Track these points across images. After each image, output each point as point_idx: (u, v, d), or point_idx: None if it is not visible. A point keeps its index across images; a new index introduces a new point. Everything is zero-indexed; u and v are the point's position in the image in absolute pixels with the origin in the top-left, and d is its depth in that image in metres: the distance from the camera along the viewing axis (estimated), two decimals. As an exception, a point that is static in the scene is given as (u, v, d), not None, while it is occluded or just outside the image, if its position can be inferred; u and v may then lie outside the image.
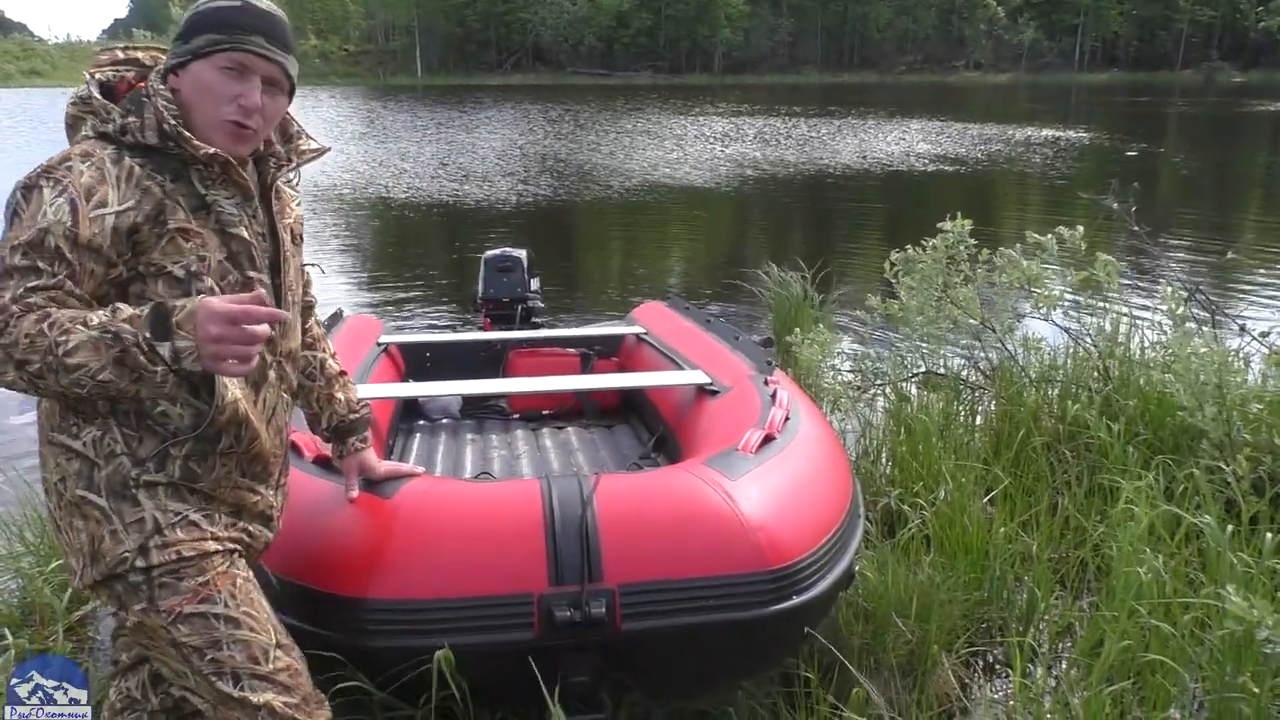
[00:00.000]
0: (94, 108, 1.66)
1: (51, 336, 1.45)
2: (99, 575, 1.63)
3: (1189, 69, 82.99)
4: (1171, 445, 3.48)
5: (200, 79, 1.64)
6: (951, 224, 4.34)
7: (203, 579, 1.65)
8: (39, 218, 1.51)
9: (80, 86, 1.70)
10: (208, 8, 1.65)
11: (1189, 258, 9.32)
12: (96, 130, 1.64)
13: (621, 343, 4.09)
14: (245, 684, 1.66)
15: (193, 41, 1.64)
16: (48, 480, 1.67)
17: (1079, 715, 2.25)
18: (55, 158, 1.58)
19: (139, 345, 1.46)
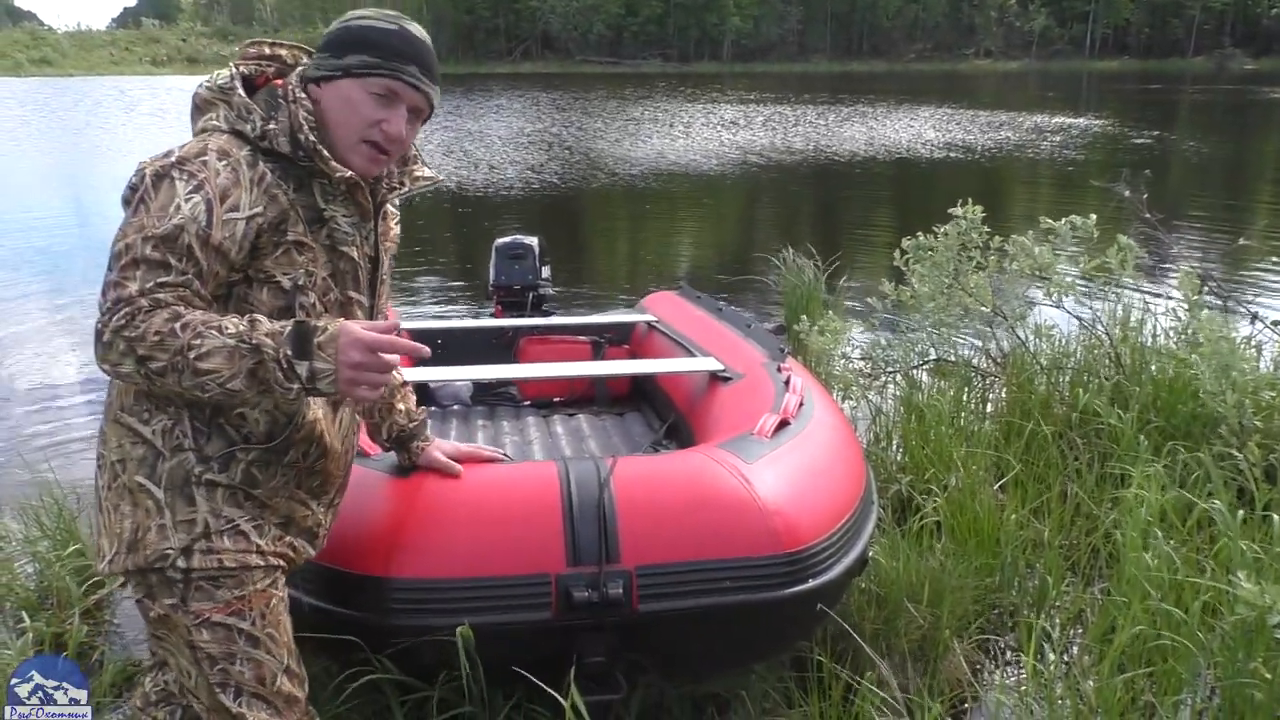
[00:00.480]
0: (232, 100, 1.63)
1: (184, 338, 1.44)
2: (133, 565, 1.62)
3: (1201, 56, 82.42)
4: (1184, 432, 3.47)
5: (349, 97, 1.64)
6: (963, 210, 4.33)
7: (239, 593, 1.65)
8: (172, 211, 1.49)
9: (221, 72, 1.68)
10: (362, 25, 1.64)
11: (1200, 245, 9.27)
12: (231, 125, 1.61)
13: (633, 330, 4.09)
14: (245, 700, 1.68)
15: (346, 58, 1.63)
16: (104, 457, 1.66)
17: (1091, 701, 2.26)
18: (190, 148, 1.56)
19: (278, 361, 1.46)
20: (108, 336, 1.44)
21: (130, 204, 1.53)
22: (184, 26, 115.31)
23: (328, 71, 1.64)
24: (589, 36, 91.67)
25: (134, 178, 1.55)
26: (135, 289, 1.46)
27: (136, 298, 1.45)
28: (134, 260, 1.47)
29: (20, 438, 4.66)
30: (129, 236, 1.49)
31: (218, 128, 1.61)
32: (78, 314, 7.20)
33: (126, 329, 1.44)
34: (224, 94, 1.64)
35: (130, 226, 1.50)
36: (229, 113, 1.62)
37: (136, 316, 1.44)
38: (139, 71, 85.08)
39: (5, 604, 2.97)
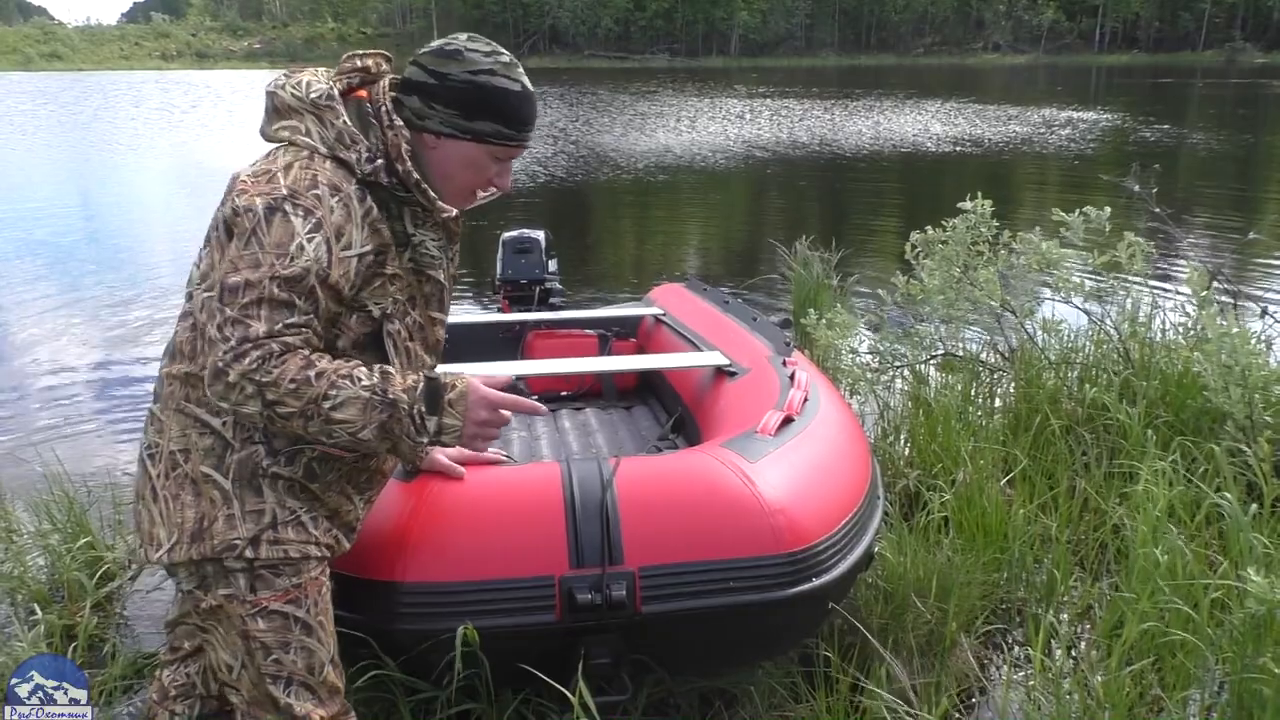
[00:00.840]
0: (328, 119, 1.61)
1: (319, 387, 1.50)
2: (197, 554, 1.63)
3: (1211, 50, 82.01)
4: (1192, 428, 3.46)
5: (474, 160, 1.68)
6: (972, 203, 4.32)
7: (297, 580, 1.69)
8: (295, 251, 1.50)
9: (308, 78, 1.65)
10: (495, 88, 1.64)
11: (1211, 239, 9.24)
12: (330, 149, 1.60)
13: (639, 324, 4.09)
14: (294, 691, 1.71)
15: (477, 124, 1.64)
16: (159, 446, 1.66)
17: (1099, 696, 2.25)
18: (298, 179, 1.55)
19: (411, 417, 1.55)
20: (234, 378, 1.47)
21: (239, 234, 1.52)
22: (193, 21, 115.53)
23: (454, 131, 1.65)
24: (597, 31, 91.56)
25: (238, 201, 1.54)
26: (263, 330, 1.48)
27: (265, 340, 1.48)
28: (258, 299, 1.48)
29: (31, 431, 4.68)
30: (248, 273, 1.49)
31: (312, 147, 1.60)
32: (87, 307, 7.23)
33: (258, 373, 1.47)
34: (316, 108, 1.62)
35: (245, 261, 1.50)
36: (323, 131, 1.61)
37: (269, 361, 1.48)
38: (149, 66, 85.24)
39: (17, 596, 2.99)
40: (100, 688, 2.55)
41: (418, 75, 1.64)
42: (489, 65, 1.63)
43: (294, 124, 1.62)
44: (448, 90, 1.62)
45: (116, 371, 5.71)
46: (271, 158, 1.61)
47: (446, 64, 1.63)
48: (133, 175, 16.32)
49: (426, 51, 1.66)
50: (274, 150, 1.64)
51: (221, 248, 1.56)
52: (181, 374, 1.65)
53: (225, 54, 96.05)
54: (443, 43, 1.66)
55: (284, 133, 1.62)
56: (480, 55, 1.63)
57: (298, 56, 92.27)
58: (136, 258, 9.30)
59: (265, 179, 1.55)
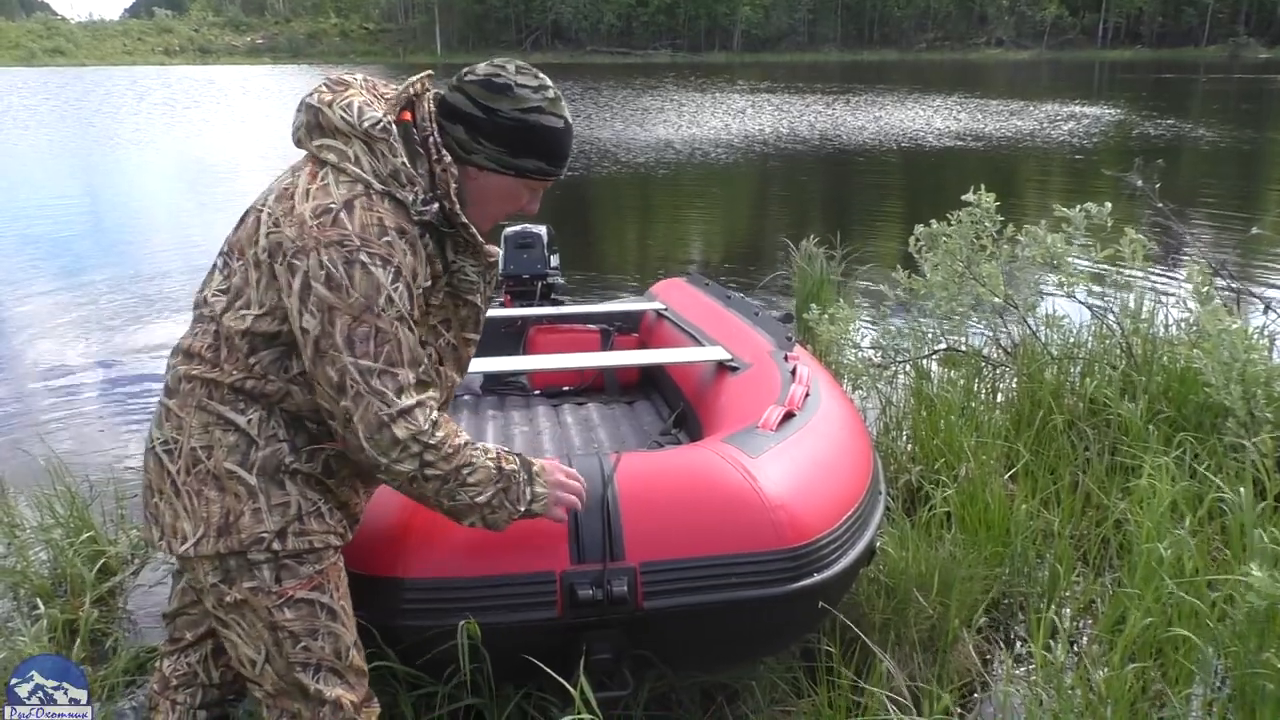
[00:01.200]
0: (380, 153, 1.61)
1: (465, 456, 1.68)
2: (224, 548, 1.65)
3: (1215, 45, 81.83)
4: (1195, 423, 3.46)
5: (510, 191, 1.74)
6: (975, 196, 4.31)
7: (319, 568, 1.72)
8: (384, 304, 1.55)
9: (360, 104, 1.63)
10: (543, 126, 1.67)
11: (1213, 234, 9.23)
12: (384, 185, 1.60)
13: (641, 319, 4.09)
14: (323, 677, 1.74)
15: (523, 161, 1.69)
16: (178, 442, 1.66)
17: (1101, 691, 2.25)
18: (368, 228, 1.56)
19: (519, 486, 1.76)
20: (403, 436, 1.60)
21: (327, 284, 1.54)
22: (196, 16, 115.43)
23: (498, 167, 1.69)
24: (599, 27, 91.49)
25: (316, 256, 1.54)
26: (412, 379, 1.61)
27: (427, 402, 1.63)
28: (394, 360, 1.58)
29: (33, 425, 4.69)
30: (362, 326, 1.55)
31: (365, 181, 1.59)
32: (90, 300, 7.24)
33: (426, 435, 1.62)
34: (369, 137, 1.61)
35: (350, 312, 1.54)
36: (375, 164, 1.61)
37: (438, 426, 1.64)
38: (151, 62, 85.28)
39: (20, 591, 2.99)
40: (103, 682, 2.55)
41: (465, 106, 1.66)
42: (537, 102, 1.66)
43: (340, 147, 1.62)
44: (496, 127, 1.65)
45: (118, 365, 5.72)
46: (322, 185, 1.59)
47: (497, 99, 1.65)
48: (135, 170, 16.34)
49: (475, 81, 1.66)
50: (322, 173, 1.61)
51: (291, 290, 1.57)
52: (203, 376, 1.65)
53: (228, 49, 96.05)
54: (490, 73, 1.66)
55: (330, 155, 1.62)
56: (530, 91, 1.66)
57: (300, 52, 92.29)
58: (139, 252, 9.31)
59: (330, 221, 1.55)
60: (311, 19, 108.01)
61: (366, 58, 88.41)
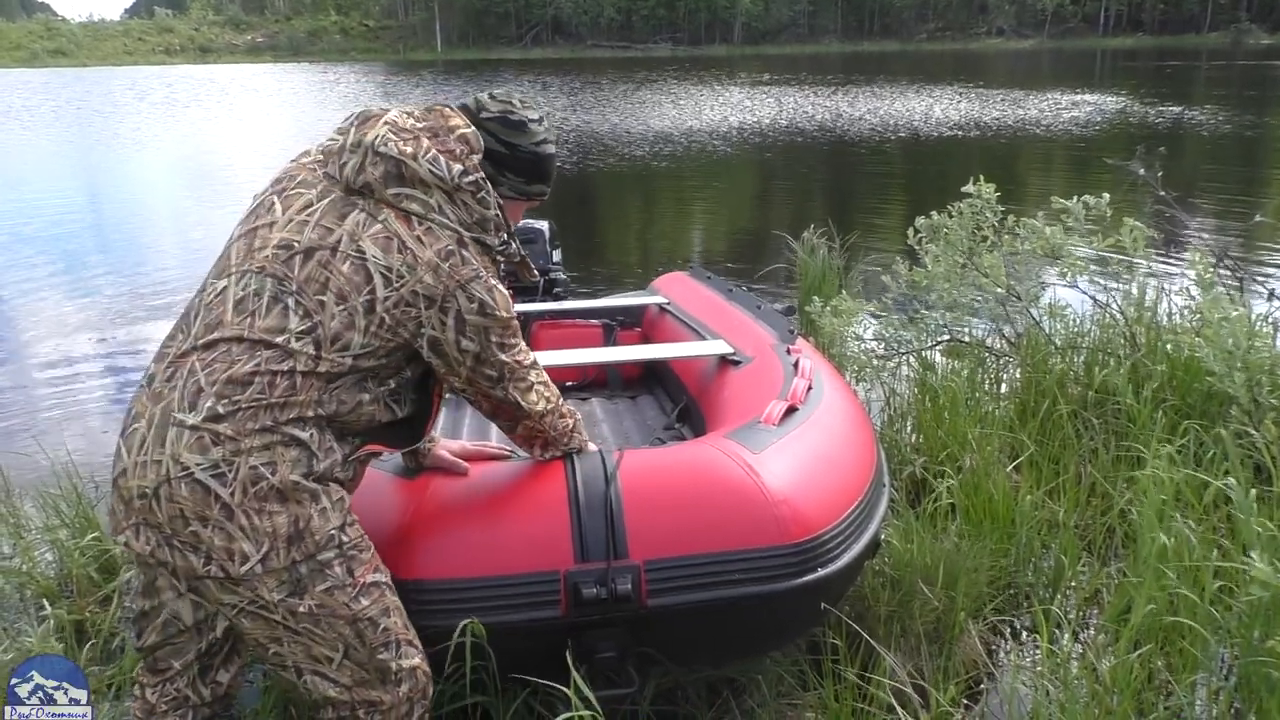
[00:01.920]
0: (462, 202, 1.79)
1: (570, 422, 2.13)
2: (299, 555, 1.66)
3: (1216, 32, 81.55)
4: (1199, 411, 3.45)
5: (517, 213, 2.04)
6: (975, 187, 4.30)
7: (371, 551, 1.81)
8: (510, 307, 1.85)
9: (454, 160, 1.79)
10: (547, 155, 1.99)
11: (1217, 222, 9.20)
12: (471, 232, 1.80)
13: (644, 313, 4.09)
14: (403, 650, 1.82)
15: (533, 187, 2.00)
16: (236, 465, 1.62)
17: (1107, 680, 2.25)
18: (482, 260, 1.82)
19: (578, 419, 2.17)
20: (539, 384, 1.99)
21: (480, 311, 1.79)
22: (196, 16, 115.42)
23: (516, 195, 1.98)
24: (599, 21, 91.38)
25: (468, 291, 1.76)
26: (533, 360, 1.99)
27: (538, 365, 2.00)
28: (521, 344, 1.93)
29: (38, 425, 4.70)
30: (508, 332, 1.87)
31: (455, 231, 1.78)
32: (96, 300, 7.25)
33: (547, 388, 2.03)
34: (460, 190, 1.78)
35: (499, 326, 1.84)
36: (460, 214, 1.78)
37: (562, 407, 2.10)
38: (152, 61, 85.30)
39: (26, 591, 3.00)
40: (110, 681, 2.56)
41: (490, 143, 1.90)
42: (543, 135, 1.95)
43: (423, 198, 1.75)
44: (518, 161, 1.93)
45: (123, 365, 5.72)
46: (429, 230, 1.75)
47: (516, 135, 1.92)
48: (137, 169, 16.35)
49: (493, 118, 1.91)
50: (415, 220, 1.75)
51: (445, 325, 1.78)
52: (272, 403, 1.65)
53: (228, 48, 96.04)
54: (503, 110, 1.92)
55: (414, 205, 1.75)
56: (537, 125, 1.94)
57: (300, 50, 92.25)
58: (143, 253, 9.32)
59: (459, 262, 1.76)
60: (311, 17, 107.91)
61: (367, 55, 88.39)
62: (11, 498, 3.44)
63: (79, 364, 5.74)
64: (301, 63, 77.15)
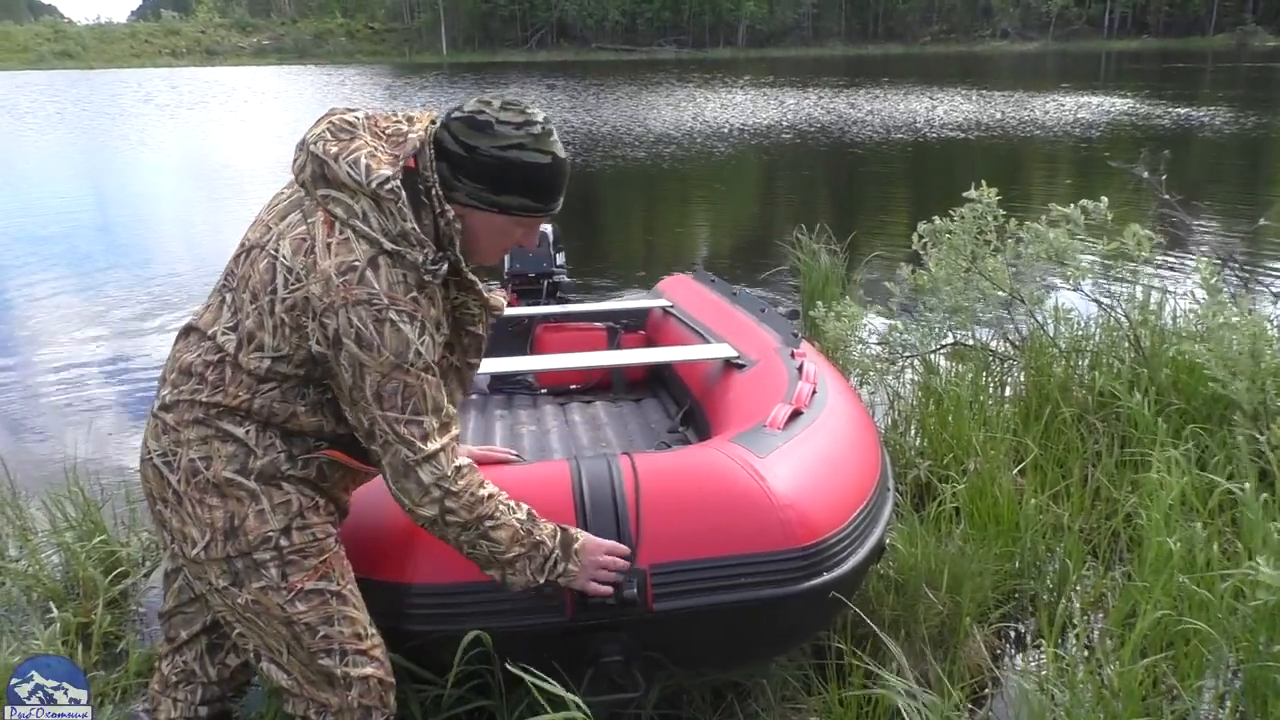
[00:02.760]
0: (389, 211, 1.62)
1: (489, 507, 1.74)
2: (233, 550, 1.70)
3: (1222, 33, 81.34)
4: (1204, 415, 3.45)
5: (497, 228, 1.75)
6: (977, 192, 4.30)
7: (322, 558, 1.77)
8: (413, 358, 1.63)
9: (375, 163, 1.64)
10: (524, 163, 1.67)
11: (1221, 225, 9.18)
12: (394, 243, 1.61)
13: (648, 316, 4.09)
14: (350, 659, 1.78)
15: (505, 198, 1.70)
16: (179, 455, 1.70)
17: (1112, 685, 2.25)
18: (395, 287, 1.61)
19: (547, 559, 1.80)
20: (426, 479, 1.67)
21: (357, 343, 1.60)
22: (202, 18, 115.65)
23: (479, 205, 1.71)
24: (604, 24, 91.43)
25: (345, 315, 1.59)
26: (436, 426, 1.68)
27: (448, 449, 1.70)
28: (418, 407, 1.66)
29: (45, 427, 4.71)
30: (391, 382, 1.62)
31: (376, 241, 1.61)
32: (101, 303, 7.26)
33: (447, 481, 1.69)
34: (378, 198, 1.62)
35: (380, 369, 1.61)
36: (385, 224, 1.62)
37: (463, 473, 1.71)
38: (159, 64, 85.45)
39: (33, 594, 3.01)
40: (116, 684, 2.56)
41: (448, 143, 1.68)
42: (518, 139, 1.66)
43: (348, 202, 1.63)
44: (476, 165, 1.67)
45: (129, 367, 5.73)
46: (344, 241, 1.61)
47: (476, 136, 1.66)
48: (143, 170, 16.38)
49: (458, 118, 1.68)
50: (338, 225, 1.62)
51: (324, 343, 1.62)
52: (204, 400, 1.69)
53: (234, 50, 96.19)
54: (474, 110, 1.68)
55: (337, 209, 1.63)
56: (511, 129, 1.66)
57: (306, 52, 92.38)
58: (150, 254, 9.33)
59: (356, 279, 1.59)
60: (317, 19, 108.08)
61: (373, 57, 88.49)
62: (18, 500, 3.45)
63: (86, 367, 5.75)
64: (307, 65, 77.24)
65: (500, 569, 1.79)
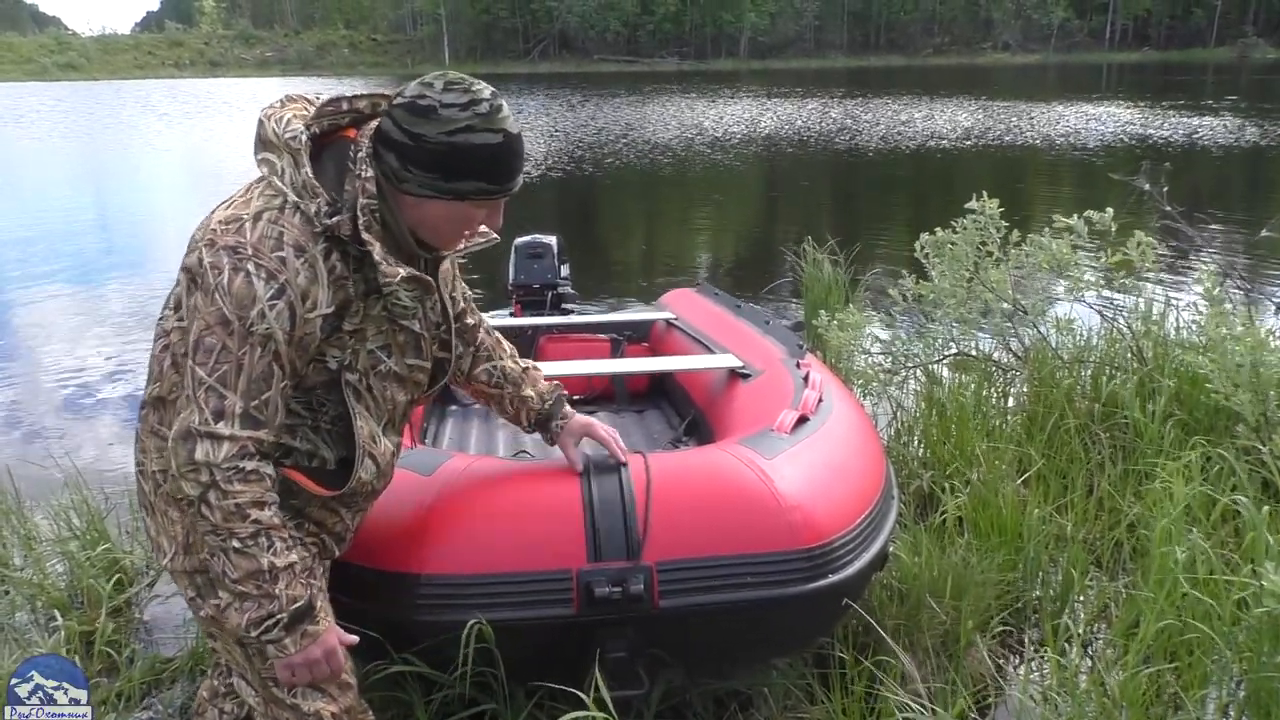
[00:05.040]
0: (292, 170, 1.55)
1: (244, 529, 1.51)
2: (188, 566, 1.70)
3: (1223, 46, 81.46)
4: (1207, 425, 3.45)
5: (456, 215, 1.62)
6: (979, 204, 4.31)
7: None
8: (255, 317, 1.48)
9: (290, 116, 1.59)
10: (474, 145, 1.54)
11: (1224, 236, 9.19)
12: (294, 204, 1.53)
13: (651, 327, 4.09)
14: (299, 693, 1.71)
15: (457, 184, 1.57)
16: (146, 466, 1.71)
17: (1116, 695, 2.25)
18: (265, 239, 1.50)
19: (271, 615, 1.55)
20: (200, 456, 1.49)
21: (203, 288, 1.49)
22: (206, 30, 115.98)
23: (433, 194, 1.58)
24: (606, 35, 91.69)
25: (205, 255, 1.50)
26: (231, 432, 1.49)
27: (243, 444, 1.50)
28: (234, 366, 1.49)
29: (49, 437, 4.72)
30: (219, 331, 1.48)
31: (283, 194, 1.54)
32: (103, 312, 7.28)
33: (218, 472, 1.49)
34: (289, 149, 1.55)
35: (213, 317, 1.48)
36: (295, 176, 1.54)
37: (238, 474, 1.50)
38: (162, 75, 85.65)
39: (37, 603, 3.01)
40: (119, 693, 2.57)
41: (394, 133, 1.56)
42: (465, 121, 1.53)
43: (272, 159, 1.57)
44: (424, 153, 1.54)
45: (133, 376, 5.74)
46: (247, 197, 1.57)
47: (421, 124, 1.53)
48: (147, 181, 16.42)
49: (400, 104, 1.56)
50: (253, 184, 1.59)
51: (189, 292, 1.54)
52: (153, 398, 1.67)
53: (238, 62, 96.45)
54: (416, 94, 1.55)
55: (263, 166, 1.58)
56: (456, 110, 1.53)
57: (309, 64, 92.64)
58: (153, 263, 9.36)
59: (235, 227, 1.51)
60: (320, 31, 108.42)
61: (375, 69, 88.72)
62: (23, 509, 3.46)
63: (90, 376, 5.77)
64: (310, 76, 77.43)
65: (225, 593, 1.60)
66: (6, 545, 3.31)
